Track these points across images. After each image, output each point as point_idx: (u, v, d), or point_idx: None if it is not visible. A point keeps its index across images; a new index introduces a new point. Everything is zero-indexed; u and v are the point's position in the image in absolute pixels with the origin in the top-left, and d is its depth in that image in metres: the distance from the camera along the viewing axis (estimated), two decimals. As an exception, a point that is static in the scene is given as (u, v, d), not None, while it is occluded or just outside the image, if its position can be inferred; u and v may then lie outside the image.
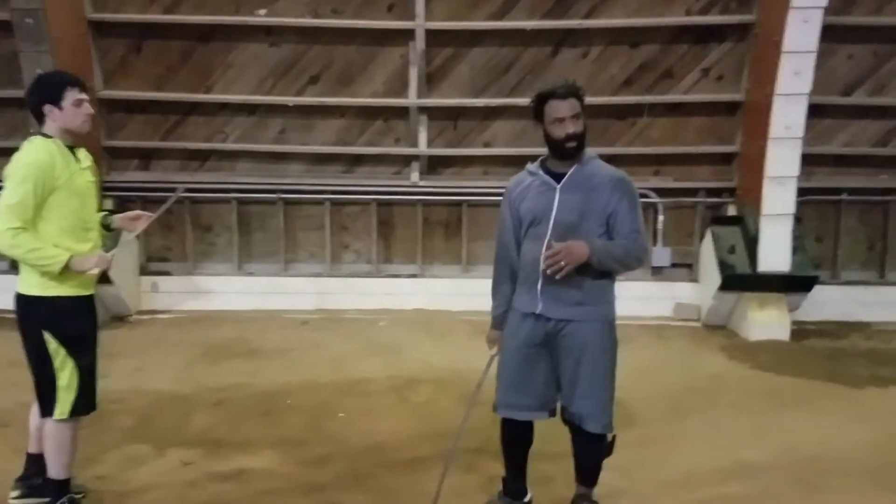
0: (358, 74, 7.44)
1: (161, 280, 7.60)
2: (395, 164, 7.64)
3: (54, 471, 3.38)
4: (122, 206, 7.37)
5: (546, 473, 3.75)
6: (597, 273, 3.10)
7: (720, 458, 4.16)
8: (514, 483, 3.43)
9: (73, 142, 3.35)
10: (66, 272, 3.18)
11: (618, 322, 3.25)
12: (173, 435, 4.44)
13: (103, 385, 5.15)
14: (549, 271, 2.99)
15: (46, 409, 3.32)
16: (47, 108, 3.25)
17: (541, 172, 3.19)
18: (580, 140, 3.10)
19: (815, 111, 6.85)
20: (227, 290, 7.54)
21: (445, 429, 4.17)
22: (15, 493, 3.50)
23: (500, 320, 3.34)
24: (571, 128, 3.06)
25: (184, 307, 7.46)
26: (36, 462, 3.50)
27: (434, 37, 7.25)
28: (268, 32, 7.34)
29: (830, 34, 6.67)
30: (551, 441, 3.49)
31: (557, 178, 3.13)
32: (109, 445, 4.21)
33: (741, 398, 5.21)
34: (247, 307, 7.40)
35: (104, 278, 6.68)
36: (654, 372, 5.75)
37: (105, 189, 7.36)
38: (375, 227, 7.62)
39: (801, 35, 6.31)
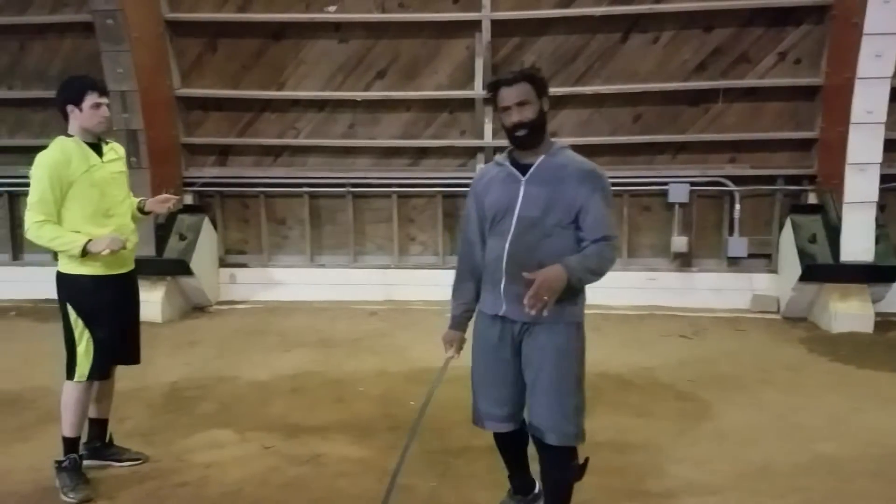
0: (423, 67, 7.49)
1: (238, 272, 7.86)
2: (461, 156, 7.66)
3: (65, 428, 3.68)
4: (201, 200, 7.68)
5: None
6: None
7: (798, 452, 4.06)
8: (519, 481, 3.33)
9: (96, 139, 3.67)
10: (88, 254, 3.50)
11: (693, 314, 3.17)
12: (253, 420, 4.61)
13: (185, 372, 5.49)
14: (533, 312, 2.69)
15: (69, 371, 3.65)
16: (69, 109, 3.61)
17: (507, 164, 3.00)
18: (530, 128, 2.90)
19: (899, 94, 6.57)
20: (299, 282, 7.74)
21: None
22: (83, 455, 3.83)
23: (458, 320, 3.19)
24: (517, 116, 2.88)
25: (259, 298, 7.70)
26: (94, 427, 3.90)
27: (500, 27, 7.24)
28: (336, 28, 7.47)
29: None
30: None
31: (524, 169, 2.94)
32: (194, 429, 4.41)
33: (820, 391, 5.06)
34: (318, 298, 7.58)
35: (185, 270, 7.04)
36: (729, 364, 5.64)
37: (185, 184, 7.64)
38: (441, 218, 7.67)
39: (881, 16, 6.05)
